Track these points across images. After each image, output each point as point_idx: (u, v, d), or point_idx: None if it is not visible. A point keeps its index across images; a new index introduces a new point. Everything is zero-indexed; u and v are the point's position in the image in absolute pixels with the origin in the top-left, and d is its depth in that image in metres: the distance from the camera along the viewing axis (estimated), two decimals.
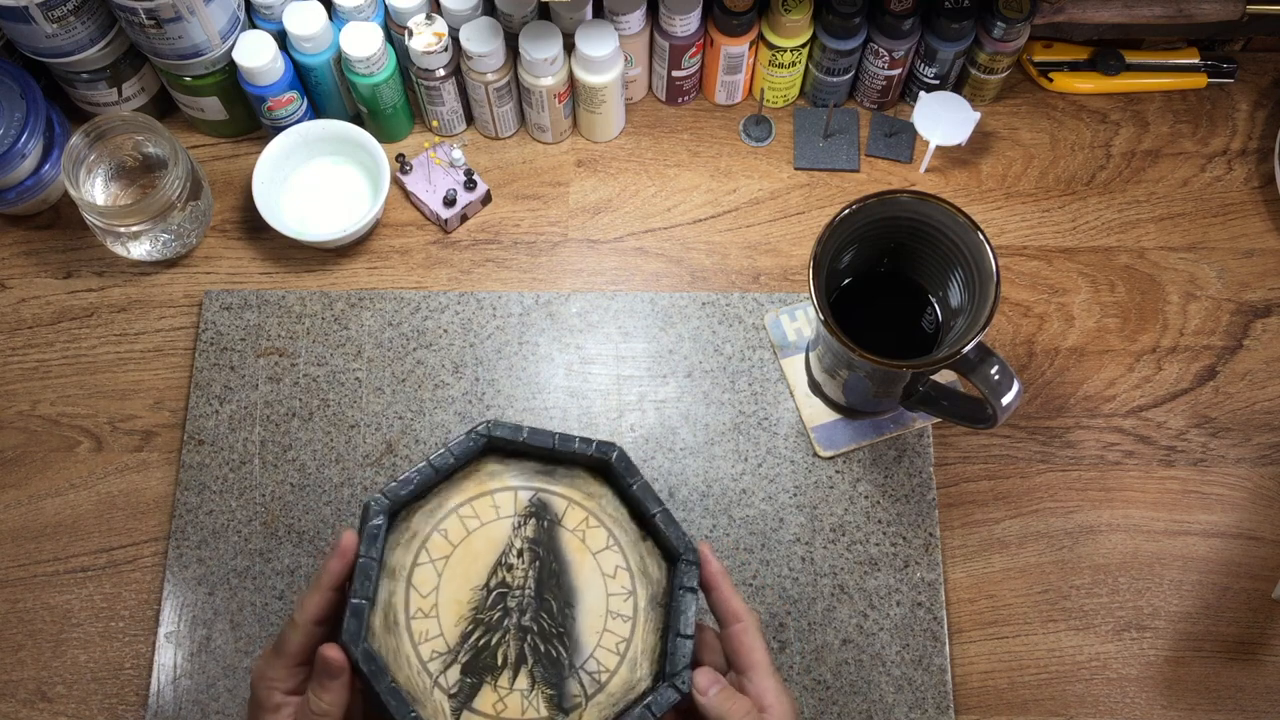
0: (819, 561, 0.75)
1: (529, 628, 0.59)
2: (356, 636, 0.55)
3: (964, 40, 0.83)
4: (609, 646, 0.59)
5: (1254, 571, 0.76)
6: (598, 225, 0.86)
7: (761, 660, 0.59)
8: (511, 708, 0.57)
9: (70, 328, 0.83)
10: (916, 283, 0.75)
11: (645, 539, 0.61)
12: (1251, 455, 0.79)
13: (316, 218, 0.84)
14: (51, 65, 0.81)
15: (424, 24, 0.80)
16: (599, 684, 0.58)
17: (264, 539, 0.76)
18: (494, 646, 0.58)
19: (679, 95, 0.89)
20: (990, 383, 0.65)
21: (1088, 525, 0.77)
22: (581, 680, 0.58)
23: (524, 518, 0.60)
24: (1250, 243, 0.85)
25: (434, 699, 0.56)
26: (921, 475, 0.78)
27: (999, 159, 0.88)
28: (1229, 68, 0.90)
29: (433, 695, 0.56)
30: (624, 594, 0.60)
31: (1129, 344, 0.82)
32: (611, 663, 0.59)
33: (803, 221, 0.86)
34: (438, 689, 0.57)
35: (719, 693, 0.58)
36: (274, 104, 0.82)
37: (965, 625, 0.75)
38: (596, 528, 0.61)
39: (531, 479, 0.61)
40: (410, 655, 0.57)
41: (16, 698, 0.73)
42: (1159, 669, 0.74)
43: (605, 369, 0.81)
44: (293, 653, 0.57)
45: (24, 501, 0.78)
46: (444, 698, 0.57)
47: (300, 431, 0.79)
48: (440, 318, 0.82)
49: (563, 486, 0.61)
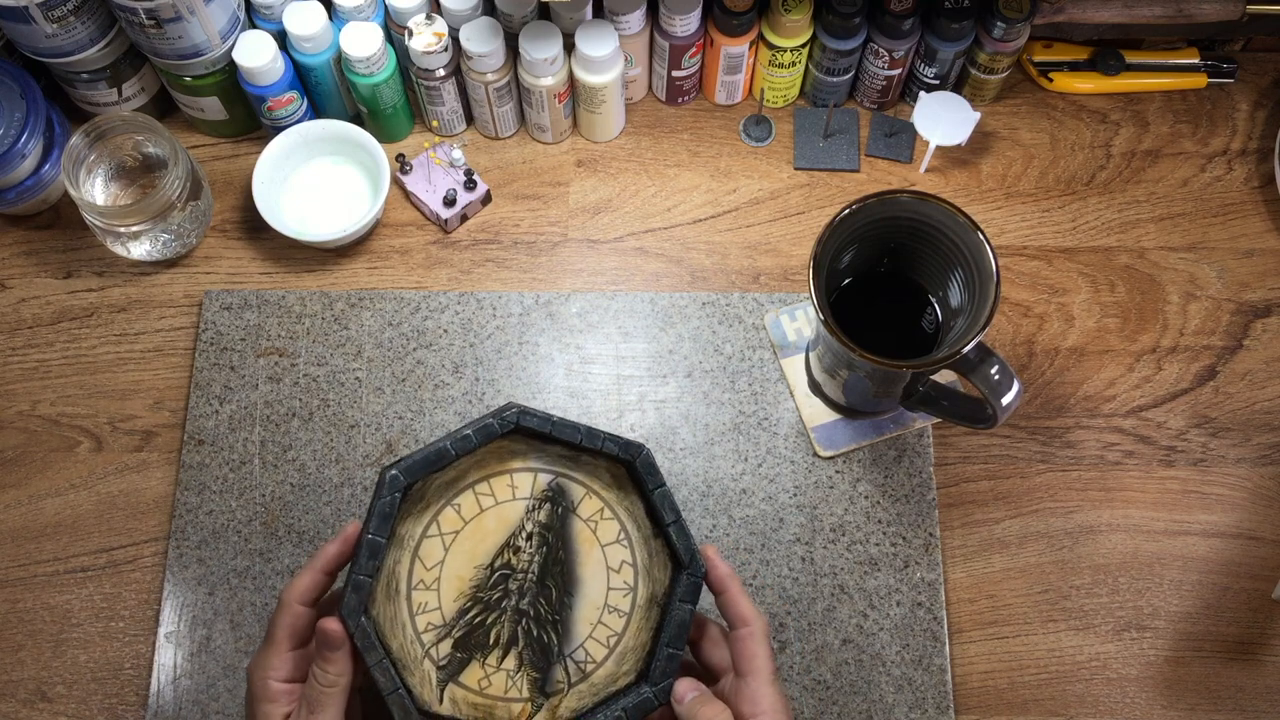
0: (819, 561, 0.75)
1: (525, 612, 0.60)
2: (356, 612, 0.56)
3: (964, 40, 0.83)
4: (600, 639, 0.60)
5: (1254, 571, 0.76)
6: (598, 225, 0.86)
7: (761, 668, 0.59)
8: (495, 685, 0.59)
9: (70, 328, 0.83)
10: (916, 283, 0.75)
11: (657, 537, 0.61)
12: (1251, 455, 0.79)
13: (316, 218, 0.84)
14: (51, 65, 0.81)
15: (424, 24, 0.80)
16: (583, 673, 0.59)
17: (264, 539, 0.76)
18: (489, 626, 0.59)
19: (679, 95, 0.89)
20: (990, 383, 0.65)
21: (1088, 525, 0.77)
22: (568, 667, 0.59)
23: (540, 501, 0.61)
24: (1250, 243, 0.85)
25: (423, 668, 0.58)
26: (921, 475, 0.78)
27: (999, 159, 0.88)
28: (1229, 68, 0.90)
29: (422, 665, 0.58)
30: (624, 590, 0.60)
31: (1129, 344, 0.82)
32: (599, 654, 0.60)
33: (803, 221, 0.86)
34: (428, 660, 0.58)
35: (694, 699, 0.58)
36: (274, 104, 0.82)
37: (965, 625, 0.75)
38: (610, 520, 0.61)
39: (554, 463, 0.61)
40: (406, 624, 0.58)
41: (16, 698, 0.73)
42: (1159, 669, 0.74)
43: (605, 369, 0.81)
44: (281, 637, 0.58)
45: (24, 501, 0.78)
46: (433, 669, 0.58)
47: (300, 431, 0.79)
48: (440, 318, 0.82)
49: (584, 474, 0.62)
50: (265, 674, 0.58)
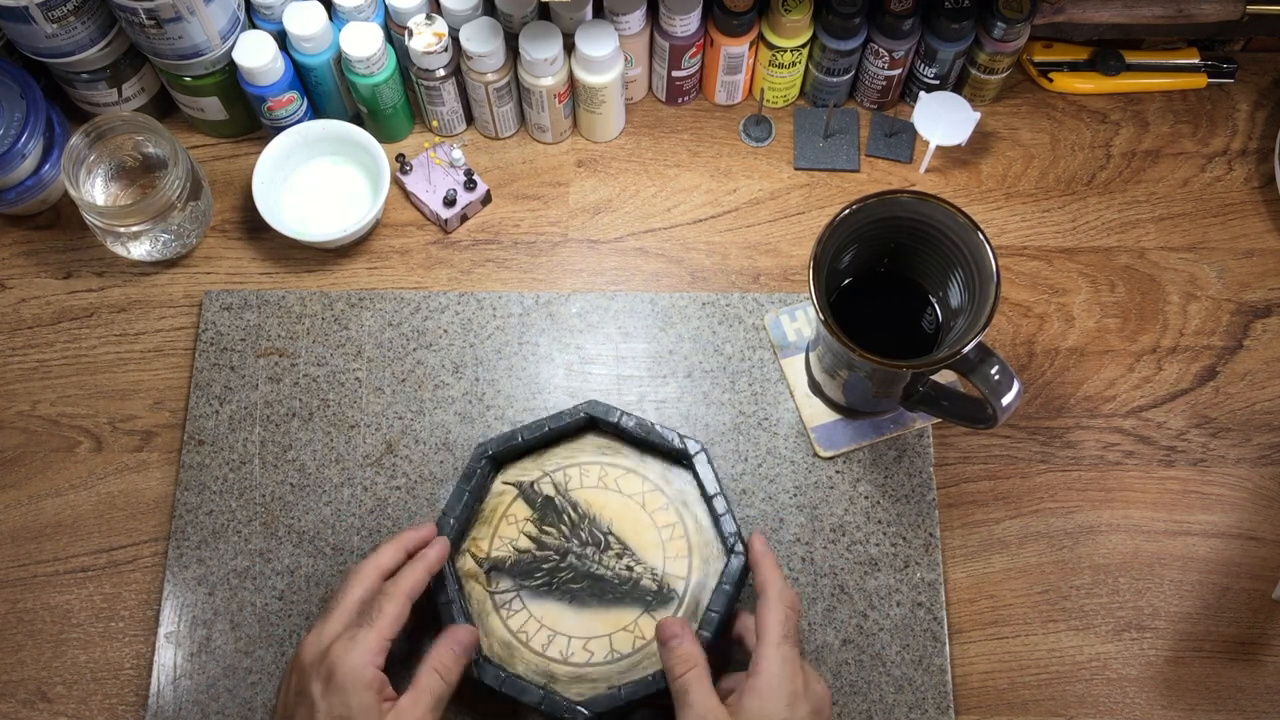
0: (819, 562, 0.75)
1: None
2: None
3: (964, 40, 0.83)
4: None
5: (1254, 571, 0.76)
6: (598, 225, 0.86)
7: (767, 632, 0.63)
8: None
9: (70, 328, 0.83)
10: (916, 283, 0.75)
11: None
12: (1251, 455, 0.79)
13: (316, 218, 0.84)
14: (51, 65, 0.81)
15: (424, 24, 0.80)
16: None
17: (264, 539, 0.76)
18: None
19: (679, 95, 0.89)
20: (990, 383, 0.65)
21: (1088, 525, 0.77)
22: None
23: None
24: (1250, 243, 0.85)
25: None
26: (921, 475, 0.78)
27: (999, 159, 0.88)
28: (1229, 68, 0.90)
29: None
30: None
31: (1129, 344, 0.82)
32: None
33: (803, 221, 0.86)
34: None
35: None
36: (274, 104, 0.82)
37: (965, 625, 0.75)
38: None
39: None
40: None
41: (16, 698, 0.73)
42: (1159, 669, 0.74)
43: (605, 369, 0.81)
44: (386, 625, 0.62)
45: (24, 501, 0.78)
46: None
47: (300, 431, 0.79)
48: (440, 318, 0.82)
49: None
50: (370, 661, 0.61)
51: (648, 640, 0.71)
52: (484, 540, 0.74)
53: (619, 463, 0.76)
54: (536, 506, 0.75)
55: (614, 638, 0.71)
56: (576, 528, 0.74)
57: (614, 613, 0.72)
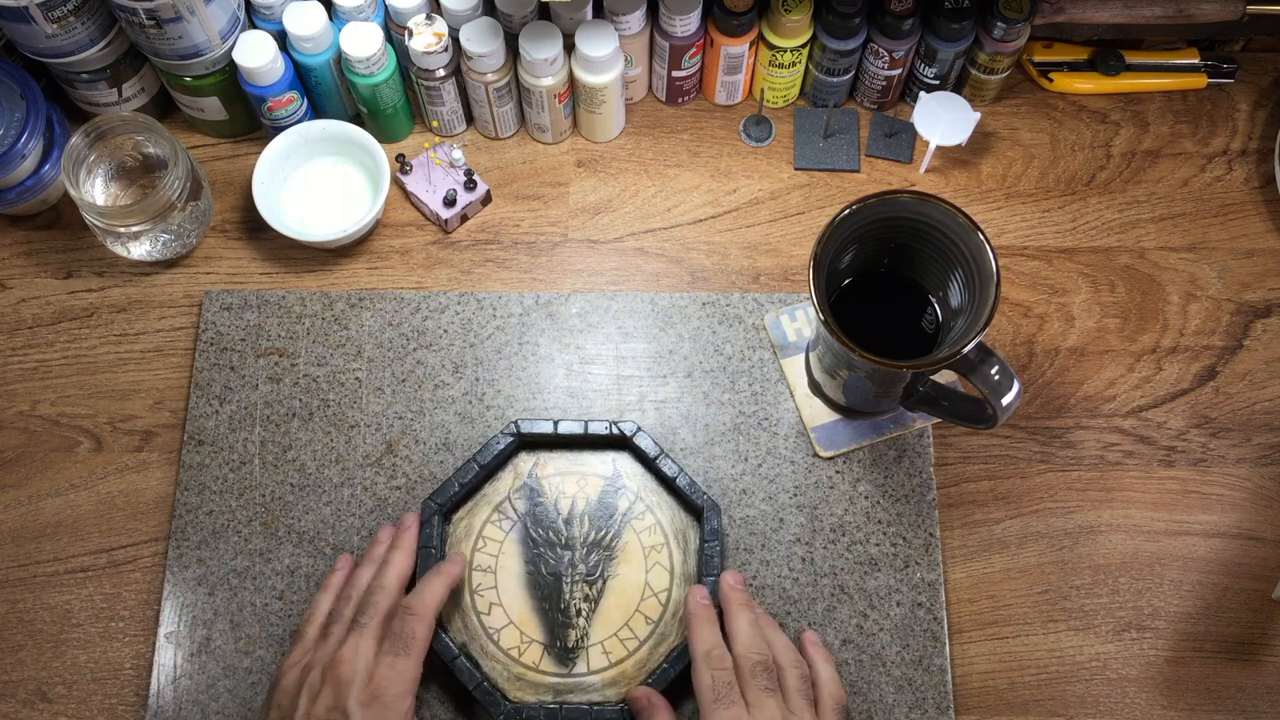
0: (819, 562, 0.75)
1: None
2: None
3: (964, 40, 0.83)
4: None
5: (1254, 572, 0.76)
6: (598, 225, 0.86)
7: (699, 699, 0.65)
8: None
9: (70, 328, 0.83)
10: (916, 283, 0.75)
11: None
12: (1251, 455, 0.79)
13: (316, 218, 0.84)
14: (51, 65, 0.81)
15: (424, 24, 0.80)
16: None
17: (264, 539, 0.76)
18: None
19: (679, 95, 0.89)
20: (990, 383, 0.65)
21: (1088, 525, 0.77)
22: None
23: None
24: (1250, 243, 0.85)
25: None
26: (921, 475, 0.78)
27: (999, 159, 0.88)
28: (1229, 68, 0.90)
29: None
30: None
31: (1129, 344, 0.82)
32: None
33: (803, 221, 0.86)
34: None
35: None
36: (274, 104, 0.82)
37: (965, 625, 0.75)
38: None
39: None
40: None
41: (16, 698, 0.73)
42: (1159, 669, 0.74)
43: (605, 369, 0.81)
44: (421, 650, 0.66)
45: (24, 501, 0.78)
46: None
47: (300, 432, 0.79)
48: (440, 318, 0.82)
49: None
50: (406, 688, 0.64)
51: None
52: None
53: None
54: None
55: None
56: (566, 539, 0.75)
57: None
